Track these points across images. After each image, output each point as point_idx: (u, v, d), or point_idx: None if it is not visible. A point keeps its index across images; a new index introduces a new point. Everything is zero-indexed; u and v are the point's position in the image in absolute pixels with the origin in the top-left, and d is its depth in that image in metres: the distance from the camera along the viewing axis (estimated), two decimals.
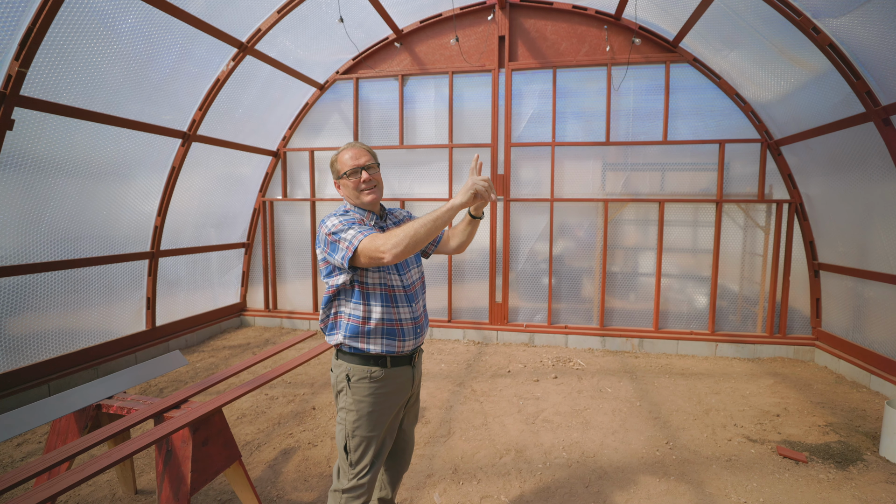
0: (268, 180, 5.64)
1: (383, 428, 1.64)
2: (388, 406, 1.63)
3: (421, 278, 1.76)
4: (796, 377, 4.05)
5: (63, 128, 3.34)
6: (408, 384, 1.69)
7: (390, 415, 1.65)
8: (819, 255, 4.43)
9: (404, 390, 1.68)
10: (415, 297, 1.67)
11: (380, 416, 1.61)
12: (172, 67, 3.88)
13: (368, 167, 1.62)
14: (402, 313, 1.61)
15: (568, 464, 2.69)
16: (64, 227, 3.58)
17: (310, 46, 4.78)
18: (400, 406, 1.70)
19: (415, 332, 1.64)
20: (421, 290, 1.74)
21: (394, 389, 1.64)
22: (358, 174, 1.61)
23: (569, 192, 4.93)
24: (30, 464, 1.50)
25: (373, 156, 1.67)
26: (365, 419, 1.59)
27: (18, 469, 1.45)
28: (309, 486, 2.47)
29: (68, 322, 3.73)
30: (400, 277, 1.62)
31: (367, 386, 1.58)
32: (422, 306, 1.72)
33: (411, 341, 1.63)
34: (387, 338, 1.58)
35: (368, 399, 1.59)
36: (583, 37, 4.81)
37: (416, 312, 1.64)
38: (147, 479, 2.53)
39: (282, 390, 3.74)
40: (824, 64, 3.52)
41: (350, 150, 1.64)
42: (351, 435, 1.61)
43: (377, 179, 1.66)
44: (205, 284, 5.23)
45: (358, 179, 1.61)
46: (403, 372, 1.66)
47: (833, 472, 2.60)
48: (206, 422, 1.91)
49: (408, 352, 1.64)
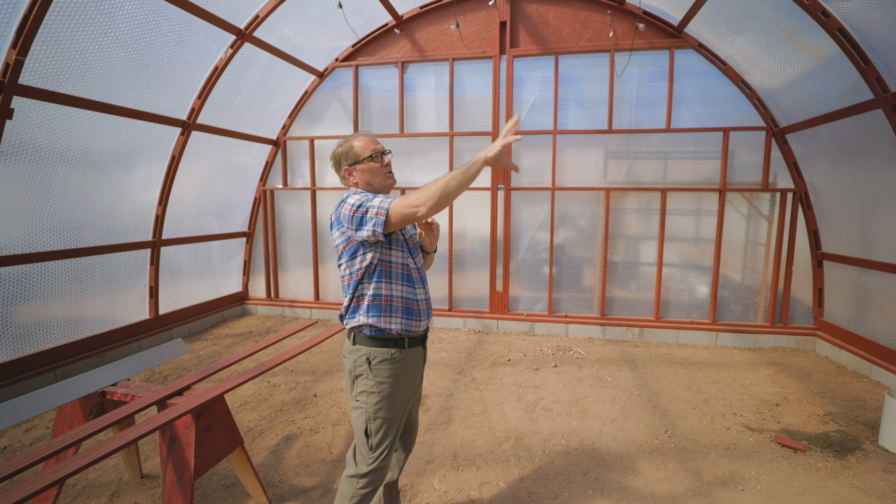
0: (268, 169, 5.62)
1: (402, 409, 1.69)
2: (406, 387, 1.69)
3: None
4: (797, 367, 4.05)
5: (62, 117, 3.33)
6: (421, 365, 1.77)
7: (408, 395, 1.71)
8: (823, 244, 4.39)
9: (418, 371, 1.76)
10: (425, 280, 1.77)
11: (400, 396, 1.66)
12: (170, 55, 3.84)
13: (387, 152, 1.70)
14: (419, 294, 1.69)
15: (567, 451, 2.72)
16: (67, 216, 3.60)
17: (308, 33, 4.72)
18: (414, 387, 1.76)
19: (427, 312, 1.73)
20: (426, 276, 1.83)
21: (410, 370, 1.69)
22: (380, 158, 1.67)
23: (570, 181, 4.90)
24: (37, 448, 1.53)
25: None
26: (386, 401, 1.62)
27: (27, 453, 1.49)
28: (311, 472, 2.51)
29: (73, 310, 3.77)
30: (414, 260, 1.70)
31: (388, 367, 1.62)
32: (428, 291, 1.81)
33: (425, 321, 1.72)
34: (406, 317, 1.63)
35: (389, 380, 1.62)
36: (586, 22, 4.72)
37: (427, 294, 1.74)
38: (152, 463, 2.58)
39: (284, 378, 3.78)
40: (833, 49, 3.44)
41: (365, 137, 1.69)
42: (372, 418, 1.62)
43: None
44: (207, 273, 5.26)
45: (381, 163, 1.67)
46: (418, 353, 1.73)
47: (831, 460, 2.61)
48: (209, 408, 1.94)
49: (422, 332, 1.71)
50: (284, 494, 2.31)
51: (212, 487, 2.38)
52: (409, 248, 1.69)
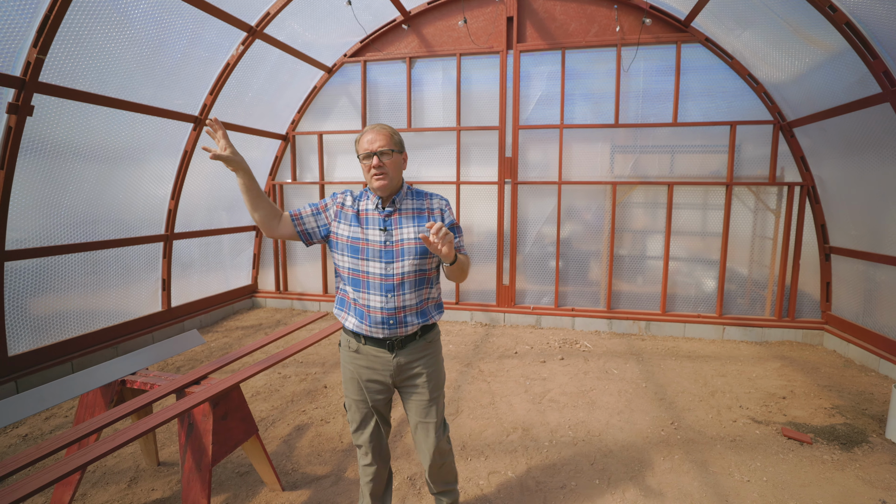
0: (277, 164, 5.69)
1: (359, 394, 1.76)
2: (361, 377, 1.75)
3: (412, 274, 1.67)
4: (804, 360, 4.05)
5: (80, 113, 3.40)
6: (383, 368, 1.71)
7: (361, 387, 1.75)
8: (830, 238, 4.38)
9: (377, 369, 1.71)
10: (390, 287, 1.64)
11: (352, 384, 1.77)
12: (183, 52, 3.90)
13: (382, 153, 1.60)
14: (364, 299, 1.65)
15: (574, 442, 2.75)
16: (83, 210, 3.68)
17: (318, 29, 4.76)
18: (377, 386, 1.73)
19: (380, 321, 1.64)
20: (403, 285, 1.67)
21: (366, 365, 1.72)
22: (370, 159, 1.61)
23: (577, 175, 4.91)
24: (63, 434, 1.58)
25: (392, 139, 1.64)
26: (345, 382, 1.81)
27: (52, 439, 1.54)
28: (322, 461, 2.56)
29: (88, 302, 3.86)
30: (368, 264, 1.65)
31: (344, 353, 1.80)
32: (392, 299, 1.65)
33: (378, 328, 1.64)
34: (357, 317, 1.69)
35: (345, 365, 1.80)
36: (592, 17, 4.72)
37: (385, 303, 1.63)
38: (168, 451, 2.65)
39: (294, 369, 3.85)
40: (840, 43, 3.42)
41: (368, 134, 1.63)
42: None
43: (390, 166, 1.62)
44: (217, 266, 5.34)
45: (369, 165, 1.61)
46: (377, 353, 1.70)
47: (838, 453, 2.62)
48: (226, 397, 2.00)
49: (376, 336, 1.66)
50: (297, 482, 2.37)
51: (227, 475, 2.44)
52: (366, 253, 1.63)
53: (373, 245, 1.65)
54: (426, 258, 1.67)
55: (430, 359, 1.76)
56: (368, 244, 1.65)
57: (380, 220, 1.67)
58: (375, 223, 1.67)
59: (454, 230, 1.74)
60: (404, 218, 1.68)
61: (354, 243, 1.66)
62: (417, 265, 1.66)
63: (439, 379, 1.80)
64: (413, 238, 1.66)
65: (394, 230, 1.66)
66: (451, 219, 1.77)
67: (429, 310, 1.74)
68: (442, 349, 1.92)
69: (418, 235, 1.65)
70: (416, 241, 1.65)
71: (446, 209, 1.76)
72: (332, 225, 1.72)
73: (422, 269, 1.68)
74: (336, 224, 1.71)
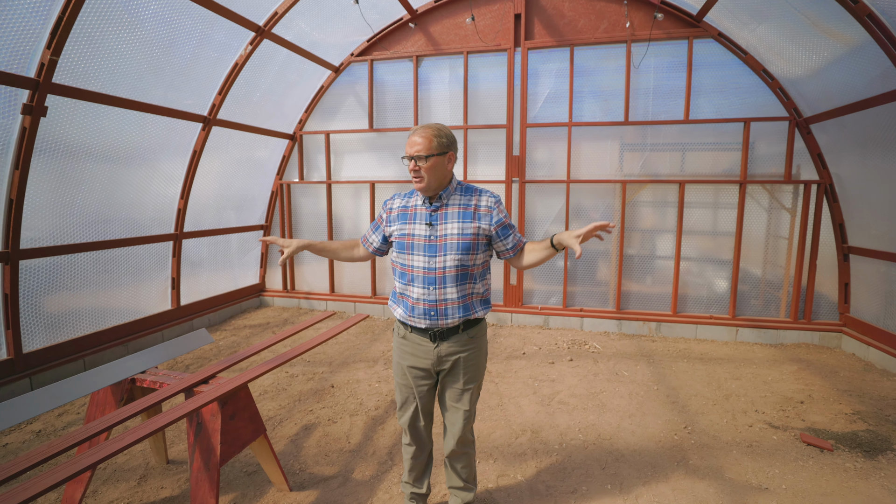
0: (285, 163, 5.71)
1: (402, 378, 1.87)
2: (405, 362, 1.85)
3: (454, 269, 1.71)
4: (822, 364, 3.94)
5: (92, 114, 3.44)
6: (426, 356, 1.80)
7: (405, 371, 1.86)
8: (849, 237, 4.26)
9: (420, 356, 1.81)
10: (433, 280, 1.71)
11: (398, 367, 1.89)
12: (193, 52, 3.93)
13: (416, 158, 1.68)
14: (410, 291, 1.76)
15: (584, 445, 2.70)
16: (95, 210, 3.72)
17: (325, 28, 4.76)
18: (418, 372, 1.84)
19: (422, 312, 1.73)
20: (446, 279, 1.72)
21: (411, 351, 1.82)
22: (409, 162, 1.71)
23: (585, 174, 4.84)
24: (74, 432, 1.59)
25: (432, 144, 1.67)
26: (393, 364, 1.94)
27: (63, 437, 1.55)
28: (330, 461, 2.55)
29: (100, 301, 3.90)
30: (412, 258, 1.76)
31: (395, 338, 1.91)
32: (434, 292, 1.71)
33: (420, 319, 1.75)
34: (404, 307, 1.81)
35: (394, 348, 1.93)
36: (601, 13, 4.65)
37: (427, 295, 1.71)
38: (177, 449, 2.66)
39: (301, 368, 3.85)
40: (861, 36, 3.32)
41: (413, 135, 1.71)
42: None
43: (427, 170, 1.67)
44: (225, 265, 5.38)
45: (409, 166, 1.71)
46: (422, 341, 1.79)
47: (860, 460, 2.52)
48: (234, 396, 1.99)
49: (420, 326, 1.76)
50: (305, 482, 2.36)
51: (234, 474, 2.44)
52: (411, 247, 1.74)
53: (418, 240, 1.73)
54: (469, 254, 1.71)
55: (472, 352, 1.81)
56: (414, 239, 1.74)
57: (426, 215, 1.75)
58: (422, 218, 1.75)
59: (506, 229, 1.78)
60: (450, 213, 1.73)
61: (402, 239, 1.77)
62: (460, 260, 1.70)
63: (477, 371, 1.84)
64: (456, 234, 1.70)
65: (439, 225, 1.72)
66: (501, 217, 1.78)
67: (473, 304, 1.77)
68: (487, 346, 1.95)
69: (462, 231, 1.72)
70: (458, 237, 1.70)
71: (495, 207, 1.77)
72: (386, 230, 1.86)
73: (464, 265, 1.71)
74: (388, 227, 1.85)
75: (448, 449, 1.92)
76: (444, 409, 1.91)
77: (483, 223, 1.74)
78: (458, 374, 1.81)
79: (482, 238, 1.74)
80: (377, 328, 5.02)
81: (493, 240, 1.78)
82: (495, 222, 1.75)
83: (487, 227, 1.74)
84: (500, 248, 1.81)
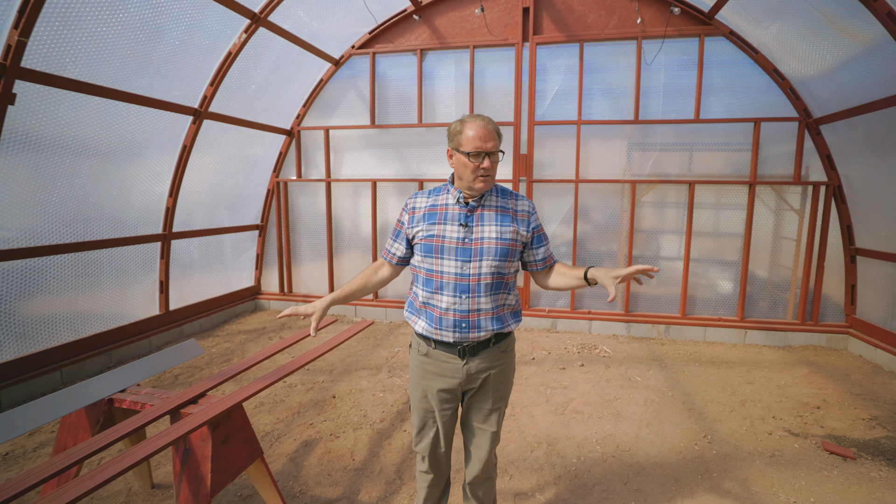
0: (281, 160, 5.46)
1: (423, 400, 1.67)
2: (428, 383, 1.66)
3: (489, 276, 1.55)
4: (831, 366, 3.89)
5: (69, 103, 3.17)
6: (453, 374, 1.61)
7: (427, 394, 1.66)
8: (857, 239, 4.22)
9: (447, 376, 1.62)
10: (465, 288, 1.53)
11: (418, 388, 1.69)
12: (182, 39, 3.67)
13: (492, 154, 1.48)
14: (438, 300, 1.57)
15: (603, 458, 2.57)
16: (73, 208, 3.44)
17: (325, 18, 4.53)
18: (445, 394, 1.64)
19: (452, 323, 1.54)
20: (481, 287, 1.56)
21: (436, 371, 1.63)
22: (479, 159, 1.47)
23: (594, 173, 4.72)
24: (38, 468, 1.36)
25: (501, 138, 1.52)
26: (412, 385, 1.72)
27: (25, 474, 1.32)
28: (333, 481, 2.37)
29: (80, 306, 3.63)
30: (443, 263, 1.57)
31: (414, 355, 1.70)
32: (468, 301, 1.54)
33: (448, 332, 1.55)
34: (427, 320, 1.61)
35: (414, 368, 1.71)
36: (612, 8, 4.52)
37: (459, 305, 1.53)
38: (164, 471, 2.44)
39: (300, 377, 3.64)
40: (879, 35, 3.24)
41: (478, 128, 1.47)
42: (409, 394, 1.75)
43: (495, 167, 1.51)
44: (218, 267, 5.11)
45: (478, 164, 1.47)
46: (449, 359, 1.60)
47: (885, 469, 2.46)
48: (227, 418, 1.77)
49: (447, 340, 1.56)
50: None
51: (227, 499, 2.24)
52: (440, 251, 1.53)
53: (449, 242, 1.53)
54: (506, 260, 1.54)
55: (502, 368, 1.65)
56: (444, 241, 1.53)
57: (461, 216, 1.55)
58: (455, 218, 1.55)
59: (540, 238, 1.63)
60: (487, 215, 1.56)
61: (428, 241, 1.55)
62: (496, 267, 1.52)
63: (506, 389, 1.69)
64: (495, 237, 1.53)
65: (475, 227, 1.54)
66: (538, 224, 1.63)
67: (505, 316, 1.61)
68: (515, 359, 1.77)
69: (501, 235, 1.54)
70: (497, 241, 1.53)
71: (533, 213, 1.62)
72: (409, 232, 1.63)
73: (500, 273, 1.54)
74: (411, 228, 1.62)
75: (472, 475, 1.74)
76: (468, 431, 1.73)
77: (522, 227, 1.58)
78: (486, 393, 1.64)
79: (519, 244, 1.58)
80: (379, 333, 4.83)
81: (524, 248, 1.63)
82: (532, 228, 1.61)
83: (525, 232, 1.59)
84: (528, 259, 1.65)
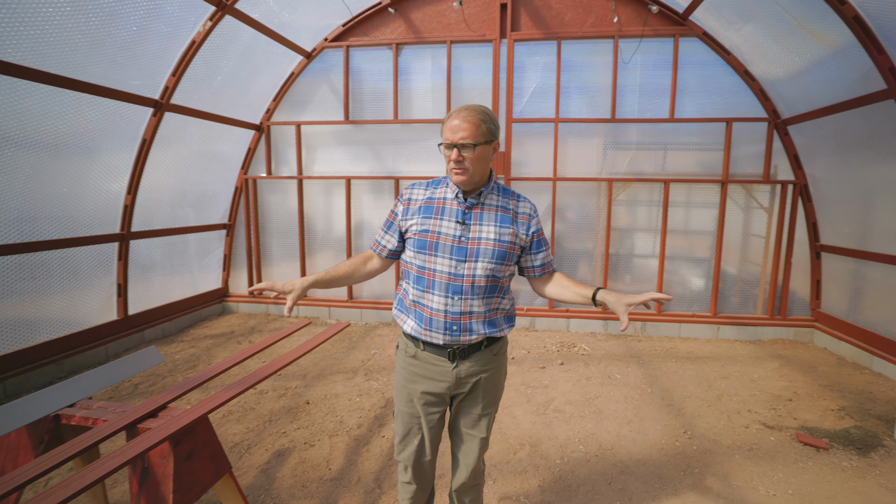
0: (250, 156, 5.22)
1: (407, 405, 1.59)
2: (415, 386, 1.58)
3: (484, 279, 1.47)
4: (799, 359, 4.02)
5: (9, 91, 2.89)
6: (442, 377, 1.53)
7: (412, 398, 1.58)
8: (821, 236, 4.38)
9: (436, 379, 1.54)
10: (457, 288, 1.45)
11: (403, 391, 1.61)
12: (140, 25, 3.42)
13: (463, 146, 1.39)
14: (429, 300, 1.48)
15: (586, 458, 2.54)
16: (17, 206, 3.15)
17: (296, 8, 4.34)
18: (430, 398, 1.56)
19: (441, 325, 1.47)
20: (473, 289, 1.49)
21: (423, 373, 1.55)
22: (450, 150, 1.41)
23: (572, 171, 4.72)
24: None
25: (479, 130, 1.39)
26: (397, 388, 1.64)
27: None
28: (308, 493, 2.24)
29: (26, 312, 3.33)
30: (436, 259, 1.48)
31: (401, 356, 1.62)
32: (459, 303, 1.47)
33: (438, 333, 1.48)
34: (416, 319, 1.53)
35: (400, 370, 1.63)
36: (589, 6, 4.53)
37: (449, 307, 1.45)
38: (121, 490, 2.25)
39: (271, 383, 3.46)
40: (845, 38, 3.36)
41: (454, 118, 1.40)
42: (394, 398, 1.70)
43: (472, 161, 1.40)
44: (182, 269, 4.83)
45: (449, 156, 1.41)
46: (438, 362, 1.52)
47: (855, 459, 2.54)
48: (190, 432, 1.61)
49: (436, 342, 1.49)
50: None
51: None
52: (434, 248, 1.45)
53: (444, 239, 1.45)
54: (503, 264, 1.47)
55: (494, 372, 1.58)
56: (439, 238, 1.45)
57: (458, 212, 1.47)
58: (453, 214, 1.47)
59: (540, 243, 1.55)
60: (486, 214, 1.48)
61: (422, 237, 1.47)
62: (492, 270, 1.45)
63: (497, 393, 1.62)
64: (493, 239, 1.45)
65: (472, 225, 1.46)
66: (539, 228, 1.54)
67: (498, 321, 1.54)
68: (507, 363, 1.69)
69: (500, 238, 1.46)
70: (495, 243, 1.45)
71: (534, 216, 1.54)
72: (402, 224, 1.55)
73: (495, 276, 1.47)
74: (405, 220, 1.53)
75: (459, 482, 1.66)
76: (456, 437, 1.65)
77: (521, 230, 1.50)
78: (476, 398, 1.57)
79: (517, 248, 1.51)
80: (355, 335, 4.67)
81: (522, 252, 1.55)
82: (532, 232, 1.53)
83: (525, 236, 1.51)
84: (525, 264, 1.58)
